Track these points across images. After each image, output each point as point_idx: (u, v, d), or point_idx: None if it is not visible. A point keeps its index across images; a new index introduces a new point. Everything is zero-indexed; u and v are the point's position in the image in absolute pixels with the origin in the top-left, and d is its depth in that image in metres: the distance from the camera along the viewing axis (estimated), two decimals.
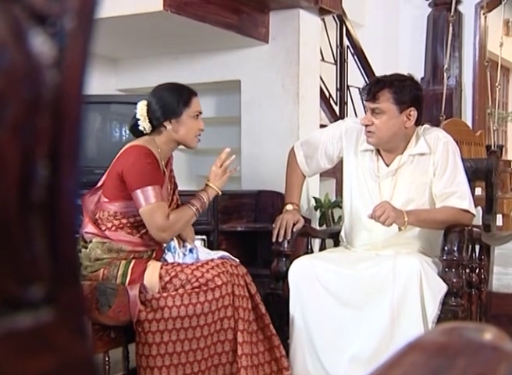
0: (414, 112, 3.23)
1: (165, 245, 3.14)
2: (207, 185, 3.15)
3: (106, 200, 3.03)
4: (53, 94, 0.48)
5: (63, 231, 0.51)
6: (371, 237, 3.34)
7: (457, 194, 3.21)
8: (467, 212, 3.22)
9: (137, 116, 3.08)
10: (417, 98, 3.29)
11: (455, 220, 3.18)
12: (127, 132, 3.88)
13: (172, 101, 3.07)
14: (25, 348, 0.48)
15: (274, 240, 3.37)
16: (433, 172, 3.27)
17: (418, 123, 3.31)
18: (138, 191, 2.91)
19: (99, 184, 3.10)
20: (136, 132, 3.12)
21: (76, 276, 0.54)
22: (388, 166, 3.36)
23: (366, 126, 3.26)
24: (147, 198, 2.91)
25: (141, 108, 3.08)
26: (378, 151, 3.39)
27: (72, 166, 0.51)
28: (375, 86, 3.24)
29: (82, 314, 0.55)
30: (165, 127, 3.06)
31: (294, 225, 3.38)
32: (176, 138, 3.10)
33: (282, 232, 3.35)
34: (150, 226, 2.95)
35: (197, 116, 3.12)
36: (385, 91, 3.20)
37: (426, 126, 3.43)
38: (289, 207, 3.52)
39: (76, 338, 0.52)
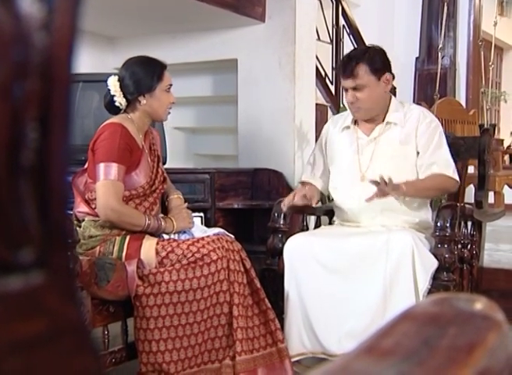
0: (389, 76, 3.33)
1: None
2: (171, 219, 3.15)
3: (91, 181, 3.04)
4: (42, 56, 0.48)
5: (53, 195, 0.51)
6: (359, 210, 3.37)
7: (440, 163, 3.28)
8: (452, 179, 3.29)
9: (112, 93, 3.08)
10: (387, 62, 3.37)
11: (442, 185, 3.29)
12: None
13: (145, 75, 3.07)
14: (15, 311, 0.48)
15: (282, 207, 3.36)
16: (415, 146, 3.32)
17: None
18: (102, 165, 2.92)
19: (86, 166, 3.11)
20: (112, 109, 3.13)
21: (66, 241, 0.54)
22: (368, 136, 3.42)
23: (351, 103, 3.33)
24: (108, 173, 2.91)
25: (114, 85, 3.09)
26: (355, 124, 3.46)
27: (63, 129, 0.51)
28: (350, 63, 3.29)
29: (72, 277, 0.55)
30: (139, 102, 3.08)
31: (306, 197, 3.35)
32: (149, 112, 3.11)
33: (287, 199, 3.34)
34: (101, 199, 2.94)
35: (169, 89, 3.14)
36: (360, 64, 3.26)
37: (414, 105, 3.55)
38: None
39: (66, 301, 0.52)
